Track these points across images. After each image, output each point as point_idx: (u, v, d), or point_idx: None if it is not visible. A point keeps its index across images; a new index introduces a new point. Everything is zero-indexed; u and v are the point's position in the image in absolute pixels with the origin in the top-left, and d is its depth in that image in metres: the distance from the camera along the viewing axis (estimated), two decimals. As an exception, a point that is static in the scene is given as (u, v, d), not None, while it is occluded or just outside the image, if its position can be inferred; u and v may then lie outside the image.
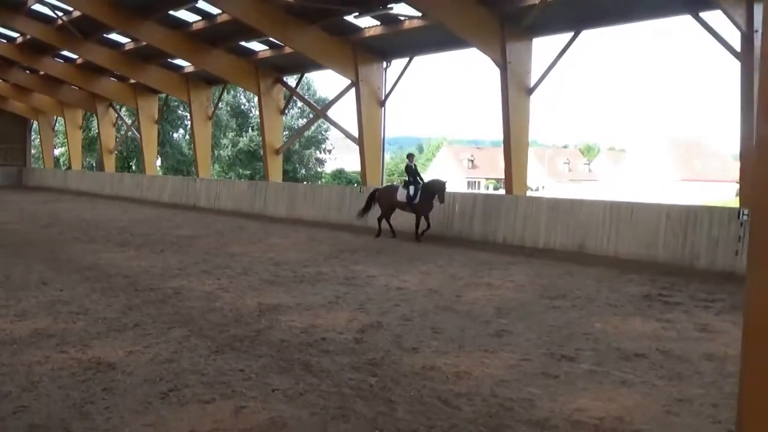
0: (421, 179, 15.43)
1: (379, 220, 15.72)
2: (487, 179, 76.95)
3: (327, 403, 4.76)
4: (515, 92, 15.50)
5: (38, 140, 44.30)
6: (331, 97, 24.91)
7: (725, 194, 55.66)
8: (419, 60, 20.19)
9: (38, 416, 4.43)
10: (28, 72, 32.99)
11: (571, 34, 15.21)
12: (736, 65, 12.17)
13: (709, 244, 11.23)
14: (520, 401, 4.86)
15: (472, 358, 5.96)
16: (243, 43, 21.97)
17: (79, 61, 28.76)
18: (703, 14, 12.85)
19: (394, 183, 16.61)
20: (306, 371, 5.49)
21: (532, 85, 15.80)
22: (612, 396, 5.02)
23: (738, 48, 12.08)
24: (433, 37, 17.03)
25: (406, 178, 15.58)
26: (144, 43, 23.01)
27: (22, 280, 9.28)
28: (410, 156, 16.50)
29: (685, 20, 13.56)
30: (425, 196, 14.85)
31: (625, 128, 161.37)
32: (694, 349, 6.33)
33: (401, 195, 15.21)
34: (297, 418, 4.47)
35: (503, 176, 16.66)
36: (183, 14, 21.14)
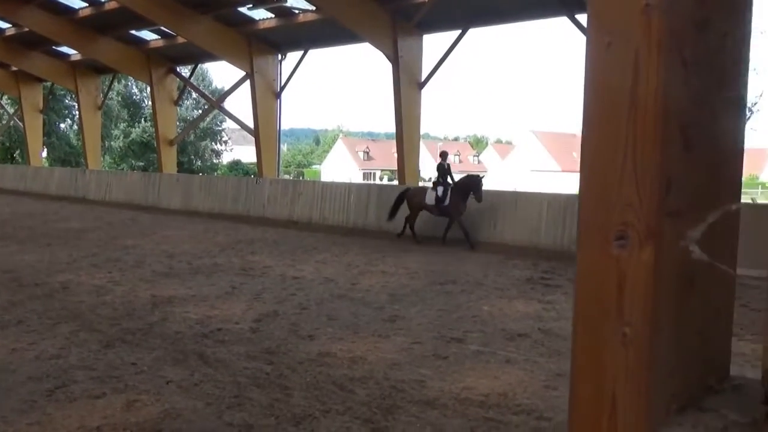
0: (453, 180, 13.36)
1: (407, 219, 13.72)
2: (382, 171, 77.70)
3: (222, 392, 4.80)
4: (407, 86, 15.87)
5: None
6: (226, 88, 24.46)
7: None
8: (314, 53, 20.20)
9: None
10: None
11: (459, 31, 15.77)
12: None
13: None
14: (412, 382, 5.07)
15: (366, 343, 6.14)
16: (133, 32, 21.20)
17: (-46, 46, 26.84)
18: (578, 16, 13.73)
19: (426, 185, 14.25)
20: (201, 362, 5.49)
21: (423, 79, 16.23)
22: (497, 374, 5.32)
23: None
24: (327, 31, 17.12)
25: (436, 179, 13.50)
26: (26, 29, 21.76)
27: None
28: (444, 154, 14.12)
29: (563, 21, 14.39)
30: (457, 197, 12.93)
31: (511, 121, 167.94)
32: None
33: (429, 197, 13.25)
34: (192, 409, 4.49)
35: (397, 168, 17.02)
36: (68, 0, 20.16)
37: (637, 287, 0.67)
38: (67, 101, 46.86)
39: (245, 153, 53.71)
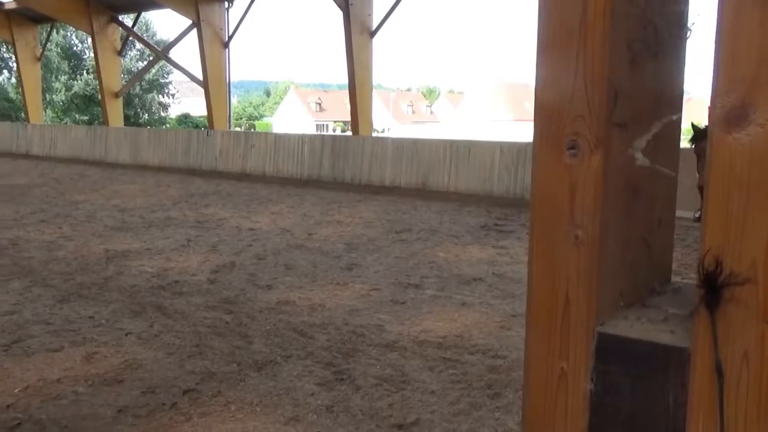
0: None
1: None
2: (335, 122, 77.18)
3: (183, 342, 4.83)
4: (358, 35, 15.63)
5: None
6: (171, 39, 23.73)
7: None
8: (263, 1, 19.69)
9: None
10: None
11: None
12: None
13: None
14: (371, 327, 5.18)
15: (324, 291, 6.22)
16: (71, -22, 20.32)
17: None
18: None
19: None
20: (160, 313, 5.50)
21: (374, 27, 16.01)
22: (454, 317, 5.47)
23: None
24: (277, -24, 16.70)
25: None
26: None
27: None
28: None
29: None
30: None
31: (463, 71, 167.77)
32: (525, 271, 6.91)
33: None
34: (153, 359, 4.52)
35: (350, 119, 16.90)
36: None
37: (588, 192, 0.74)
38: (2, 52, 44.90)
39: (194, 106, 52.53)
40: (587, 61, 0.72)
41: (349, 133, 17.24)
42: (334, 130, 71.70)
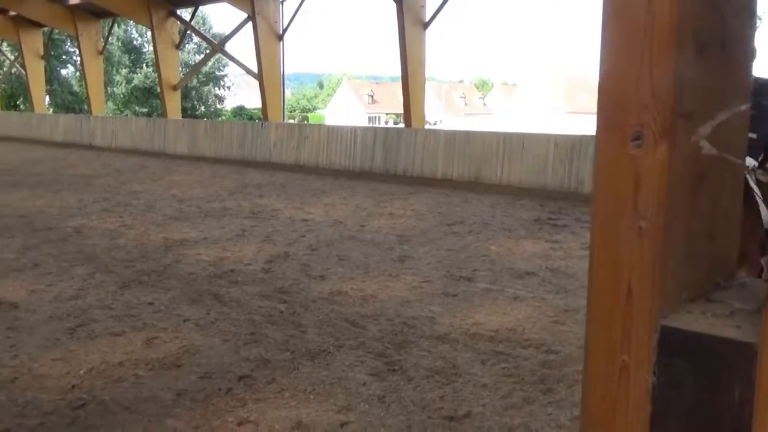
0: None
1: None
2: (387, 114, 77.26)
3: (238, 330, 4.93)
4: (411, 26, 15.57)
5: None
6: (227, 34, 24.09)
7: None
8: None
9: (-58, 356, 4.39)
10: None
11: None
12: None
13: (593, 170, 11.93)
14: (423, 319, 5.19)
15: (377, 282, 6.25)
16: (132, -27, 20.83)
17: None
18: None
19: None
20: (216, 301, 5.62)
21: (427, 19, 15.93)
22: (506, 310, 5.43)
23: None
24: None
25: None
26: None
27: None
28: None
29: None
30: None
31: (517, 63, 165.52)
32: (579, 265, 6.87)
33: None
34: (210, 346, 4.63)
35: (402, 111, 16.87)
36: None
37: (652, 183, 0.73)
38: (66, 47, 46.40)
39: (248, 98, 53.35)
40: (653, 51, 0.72)
41: (401, 125, 17.22)
42: (386, 122, 71.76)
